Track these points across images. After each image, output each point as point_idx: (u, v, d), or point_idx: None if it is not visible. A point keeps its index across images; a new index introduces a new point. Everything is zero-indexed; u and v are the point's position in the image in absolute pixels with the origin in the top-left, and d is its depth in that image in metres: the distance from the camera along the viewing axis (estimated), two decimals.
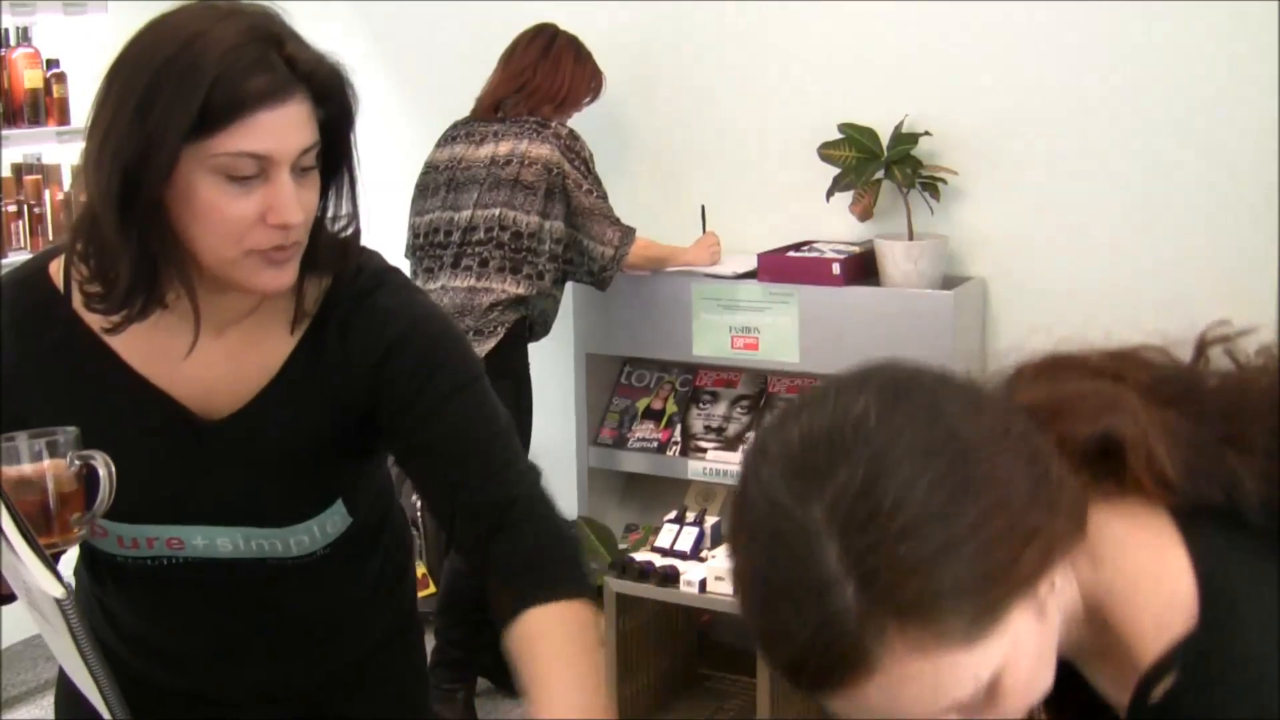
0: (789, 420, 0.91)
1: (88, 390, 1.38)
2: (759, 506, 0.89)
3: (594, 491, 3.82)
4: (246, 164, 1.27)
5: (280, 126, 1.27)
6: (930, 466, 0.85)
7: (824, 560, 0.84)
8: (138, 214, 1.27)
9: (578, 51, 3.58)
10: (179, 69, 1.25)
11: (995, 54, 3.48)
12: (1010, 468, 0.87)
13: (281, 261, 1.32)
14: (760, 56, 3.76)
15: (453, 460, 1.40)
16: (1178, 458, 0.94)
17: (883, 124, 3.45)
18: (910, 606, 0.83)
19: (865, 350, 3.46)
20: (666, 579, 3.24)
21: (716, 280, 3.57)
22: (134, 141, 1.26)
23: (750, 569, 0.90)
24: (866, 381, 0.91)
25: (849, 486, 0.85)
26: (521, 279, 3.43)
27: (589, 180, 3.47)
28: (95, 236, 1.31)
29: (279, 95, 1.27)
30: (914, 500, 0.84)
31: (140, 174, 1.26)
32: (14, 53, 3.70)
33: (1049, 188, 3.47)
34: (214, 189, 1.27)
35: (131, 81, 1.28)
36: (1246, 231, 3.27)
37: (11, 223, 3.69)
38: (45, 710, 3.69)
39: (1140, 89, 3.34)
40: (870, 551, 0.83)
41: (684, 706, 3.61)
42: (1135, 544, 0.95)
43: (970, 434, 0.88)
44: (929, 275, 3.39)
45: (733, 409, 3.73)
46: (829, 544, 0.84)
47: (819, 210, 3.61)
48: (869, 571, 0.83)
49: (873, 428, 0.87)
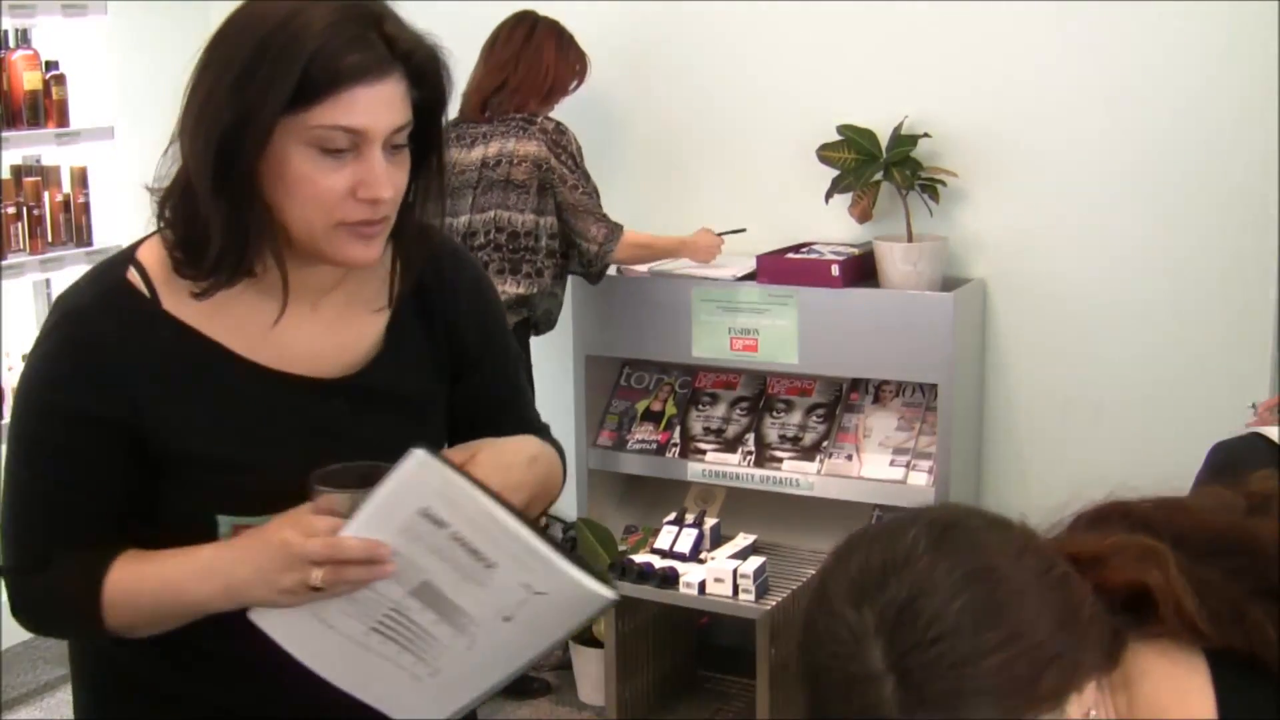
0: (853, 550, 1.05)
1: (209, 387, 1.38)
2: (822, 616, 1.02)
3: (593, 493, 3.82)
4: (340, 138, 1.29)
5: (375, 103, 1.30)
6: (966, 590, 0.98)
7: (870, 657, 0.97)
8: (231, 183, 1.30)
9: (559, 37, 3.53)
10: (279, 42, 1.28)
11: (995, 56, 3.48)
12: (1040, 600, 1.00)
13: (370, 236, 1.35)
14: (759, 58, 3.76)
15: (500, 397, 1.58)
16: (1205, 608, 1.06)
17: (882, 126, 3.45)
18: (938, 702, 0.96)
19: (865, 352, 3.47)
20: (666, 581, 3.24)
21: (716, 282, 3.57)
22: (231, 112, 1.28)
23: (811, 663, 1.02)
24: (918, 518, 1.05)
25: (895, 600, 0.98)
26: (522, 279, 3.44)
27: (576, 175, 3.46)
28: (187, 203, 1.34)
29: (376, 72, 1.30)
30: (948, 615, 0.97)
31: (236, 144, 1.29)
32: (13, 55, 3.69)
33: (1049, 189, 3.47)
34: (307, 161, 1.30)
35: (231, 54, 1.31)
36: (1247, 232, 3.27)
37: (11, 224, 3.68)
38: (45, 711, 3.69)
39: (1140, 90, 3.34)
40: (909, 653, 0.97)
41: (683, 708, 3.61)
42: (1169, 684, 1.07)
43: (1007, 569, 1.01)
44: (928, 277, 3.39)
45: (732, 410, 3.73)
46: (875, 644, 0.97)
47: (818, 212, 3.62)
48: (907, 669, 0.96)
49: (919, 555, 1.01)
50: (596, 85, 3.89)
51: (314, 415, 1.41)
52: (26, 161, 3.84)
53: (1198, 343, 3.35)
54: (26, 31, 3.75)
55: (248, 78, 1.29)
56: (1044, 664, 0.98)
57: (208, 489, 1.37)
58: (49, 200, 3.79)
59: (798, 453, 3.57)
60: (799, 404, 3.65)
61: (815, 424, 3.60)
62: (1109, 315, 3.44)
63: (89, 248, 3.86)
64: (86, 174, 3.89)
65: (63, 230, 3.82)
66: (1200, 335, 3.35)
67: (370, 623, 1.32)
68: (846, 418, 3.59)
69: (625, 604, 3.33)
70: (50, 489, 1.38)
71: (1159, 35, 3.30)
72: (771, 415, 3.67)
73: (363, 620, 1.31)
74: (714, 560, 3.26)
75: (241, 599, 1.31)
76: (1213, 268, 3.32)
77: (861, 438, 3.54)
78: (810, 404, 3.64)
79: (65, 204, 3.82)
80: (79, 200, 3.86)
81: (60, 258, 3.78)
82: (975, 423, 3.55)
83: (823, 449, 3.56)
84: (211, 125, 1.30)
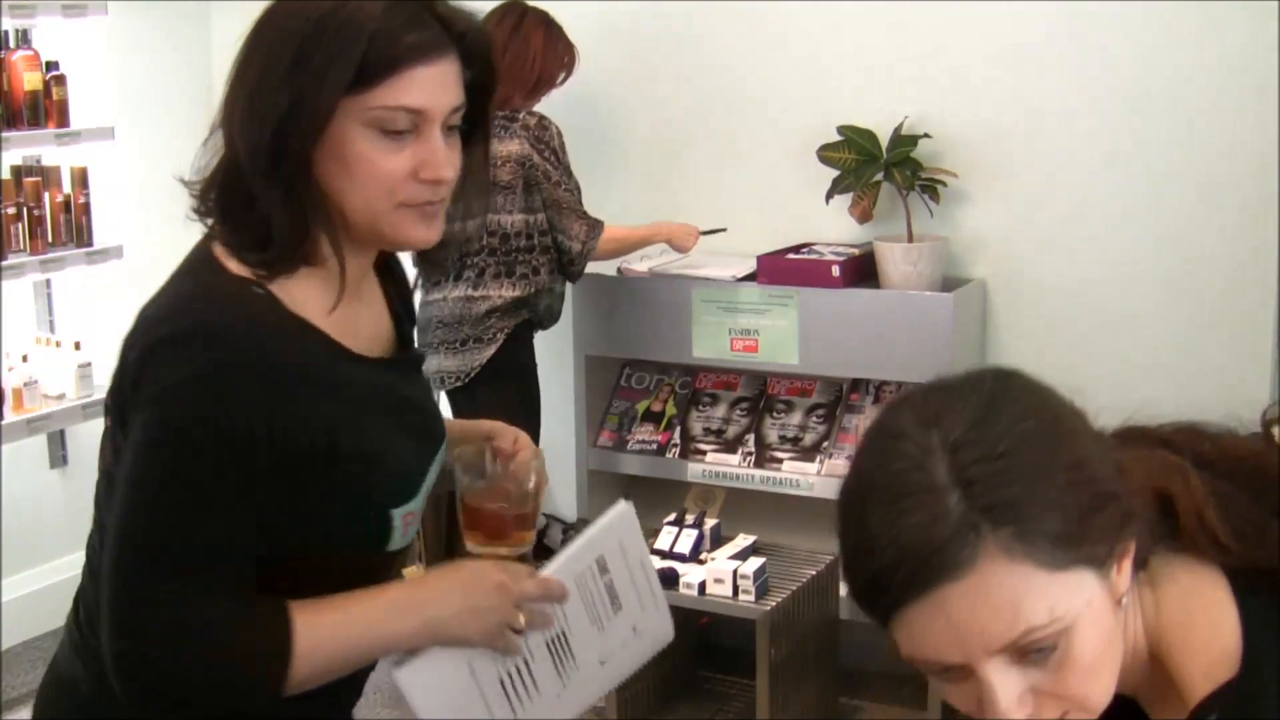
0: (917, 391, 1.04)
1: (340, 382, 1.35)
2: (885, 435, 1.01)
3: (593, 494, 3.82)
4: (401, 118, 1.30)
5: (435, 82, 1.31)
6: (1031, 418, 0.99)
7: (935, 472, 0.96)
8: (288, 168, 1.29)
9: (548, 28, 3.47)
10: (336, 24, 1.27)
11: (995, 56, 3.48)
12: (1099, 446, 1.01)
13: (432, 216, 1.36)
14: (760, 58, 3.76)
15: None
16: (1228, 523, 1.05)
17: (882, 126, 3.45)
18: (1003, 510, 0.94)
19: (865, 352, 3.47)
20: (666, 581, 3.23)
21: (716, 282, 3.57)
22: (288, 96, 1.27)
23: (864, 483, 1.00)
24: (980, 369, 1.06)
25: (964, 419, 0.98)
26: (517, 281, 3.43)
27: (559, 171, 3.43)
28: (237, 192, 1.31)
29: (435, 52, 1.31)
30: (1017, 434, 0.97)
31: (293, 128, 1.28)
32: (14, 55, 3.69)
33: (1049, 189, 3.47)
34: (368, 142, 1.30)
35: (284, 38, 1.29)
36: (1247, 232, 3.27)
37: (11, 225, 3.68)
38: None
39: (1140, 90, 3.34)
40: (975, 464, 0.95)
41: (683, 708, 3.60)
42: (1195, 596, 1.06)
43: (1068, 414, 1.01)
44: (928, 277, 3.39)
45: (732, 411, 3.73)
46: (941, 461, 0.96)
47: (818, 212, 3.62)
48: (971, 480, 0.95)
49: (987, 388, 1.01)
50: (596, 85, 3.90)
51: (406, 394, 1.45)
52: (26, 162, 3.84)
53: (1198, 342, 3.35)
54: (26, 32, 3.75)
55: (304, 61, 1.27)
56: (1103, 500, 0.97)
57: (375, 486, 1.36)
58: (49, 201, 3.79)
59: (798, 453, 3.57)
60: (799, 404, 3.65)
61: (815, 424, 3.60)
62: (1109, 315, 3.44)
63: (89, 248, 3.86)
64: (86, 174, 3.88)
65: (63, 231, 3.82)
66: (1200, 335, 3.35)
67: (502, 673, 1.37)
68: (847, 418, 3.58)
69: None
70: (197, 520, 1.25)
71: (1159, 35, 3.30)
72: (772, 416, 3.66)
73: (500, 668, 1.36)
74: (714, 561, 3.25)
75: (441, 635, 1.34)
76: (1213, 268, 3.32)
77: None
78: (810, 404, 3.64)
79: (65, 204, 3.82)
80: (79, 200, 3.85)
81: (60, 258, 3.78)
82: None
83: (823, 449, 3.56)
84: (267, 110, 1.28)
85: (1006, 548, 0.93)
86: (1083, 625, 0.96)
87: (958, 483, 0.95)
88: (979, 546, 0.93)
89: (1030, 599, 0.94)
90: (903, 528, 0.95)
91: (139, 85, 4.32)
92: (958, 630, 0.95)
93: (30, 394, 3.74)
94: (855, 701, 3.62)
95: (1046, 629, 0.94)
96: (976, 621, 0.94)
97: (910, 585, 0.95)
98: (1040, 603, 0.94)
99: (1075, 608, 0.95)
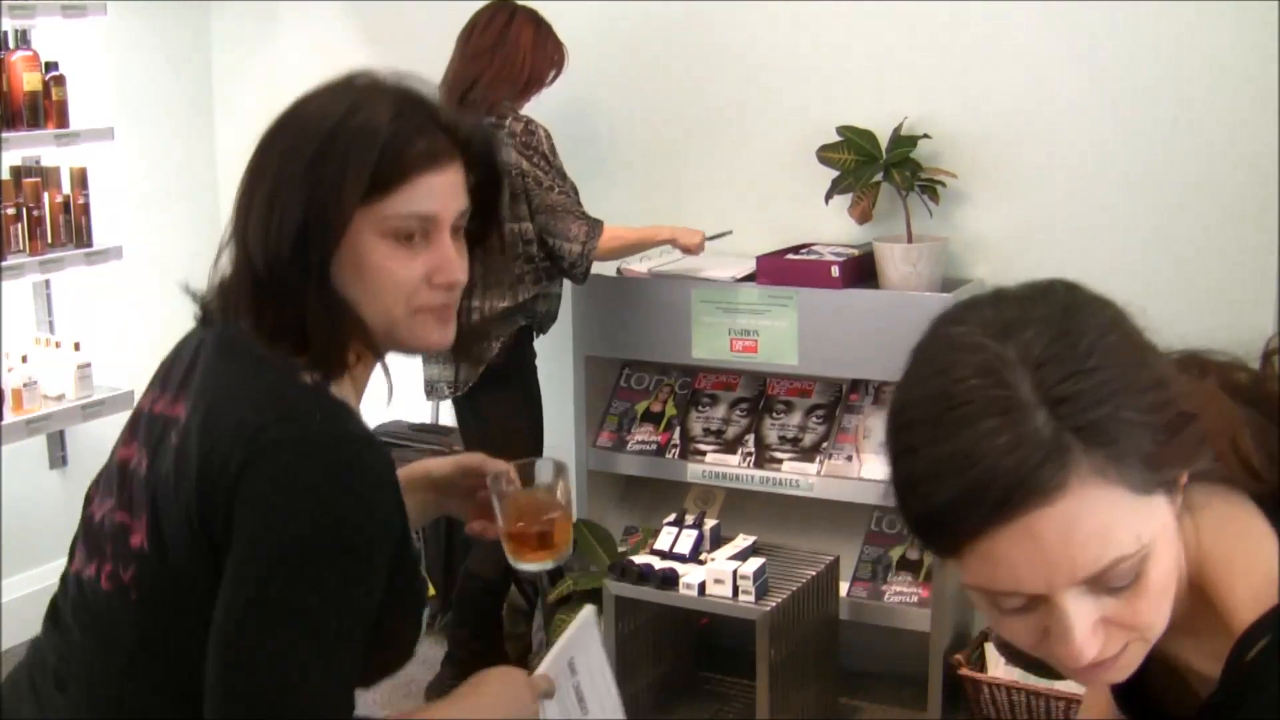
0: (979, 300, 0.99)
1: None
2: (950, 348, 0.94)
3: (593, 494, 3.82)
4: (414, 225, 1.34)
5: (445, 189, 1.36)
6: (1113, 332, 0.94)
7: (1019, 388, 0.89)
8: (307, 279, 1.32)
9: (537, 26, 3.44)
10: (348, 134, 1.32)
11: (995, 56, 3.48)
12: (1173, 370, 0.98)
13: (448, 319, 1.41)
14: (759, 59, 3.76)
15: None
16: (1262, 449, 1.02)
17: (882, 126, 3.45)
18: (1097, 430, 0.89)
19: (864, 353, 3.46)
20: (666, 582, 3.24)
21: (715, 283, 3.57)
22: (304, 208, 1.31)
23: (932, 401, 0.93)
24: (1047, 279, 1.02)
25: (1045, 330, 0.92)
26: (505, 291, 3.38)
27: (550, 175, 3.37)
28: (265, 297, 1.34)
29: (444, 158, 1.36)
30: (1104, 347, 0.92)
31: (313, 239, 1.31)
32: (13, 56, 3.69)
33: (1049, 189, 3.47)
34: (383, 250, 1.34)
35: (296, 149, 1.33)
36: (1247, 232, 3.27)
37: (10, 225, 3.68)
38: None
39: (1140, 90, 3.34)
40: (1063, 381, 0.89)
41: (683, 709, 3.60)
42: (1232, 523, 1.02)
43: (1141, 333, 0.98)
44: (928, 278, 3.39)
45: (732, 412, 3.73)
46: (1023, 376, 0.90)
47: (818, 213, 3.62)
48: (1061, 398, 0.89)
49: (1060, 299, 0.96)
50: (596, 86, 3.90)
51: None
52: (26, 162, 3.84)
53: (1197, 343, 3.34)
54: (26, 32, 3.75)
55: (319, 172, 1.31)
56: (1183, 420, 0.93)
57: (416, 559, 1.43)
58: (49, 201, 3.79)
59: (797, 454, 3.57)
60: (799, 405, 3.65)
61: (815, 425, 3.60)
62: None
63: (88, 248, 3.86)
64: (86, 175, 3.88)
65: (62, 231, 3.82)
66: (1200, 336, 3.34)
67: None
68: (846, 419, 3.58)
69: (625, 605, 3.33)
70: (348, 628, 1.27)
71: (1159, 35, 3.30)
72: (771, 416, 3.66)
73: None
74: (714, 561, 3.25)
75: None
76: (1213, 268, 3.32)
77: (861, 439, 3.54)
78: (810, 405, 3.64)
79: (65, 205, 3.82)
80: (78, 201, 3.85)
81: (60, 259, 3.78)
82: None
83: (822, 450, 3.56)
84: (284, 223, 1.31)
85: (1100, 470, 0.89)
86: (1158, 552, 0.93)
87: (1044, 400, 0.89)
88: (1072, 469, 0.88)
89: (1120, 525, 0.90)
90: (988, 449, 0.88)
91: (138, 85, 4.32)
92: (1045, 558, 0.89)
93: (30, 395, 3.74)
94: (855, 702, 3.62)
95: (1133, 557, 0.91)
96: (1067, 549, 0.89)
97: (998, 510, 0.89)
98: (1129, 529, 0.90)
99: (1154, 533, 0.92)
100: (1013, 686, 3.27)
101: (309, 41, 4.32)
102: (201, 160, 4.53)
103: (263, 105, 1.43)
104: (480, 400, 3.46)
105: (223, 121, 4.56)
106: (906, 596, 3.48)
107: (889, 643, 3.62)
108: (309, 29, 4.33)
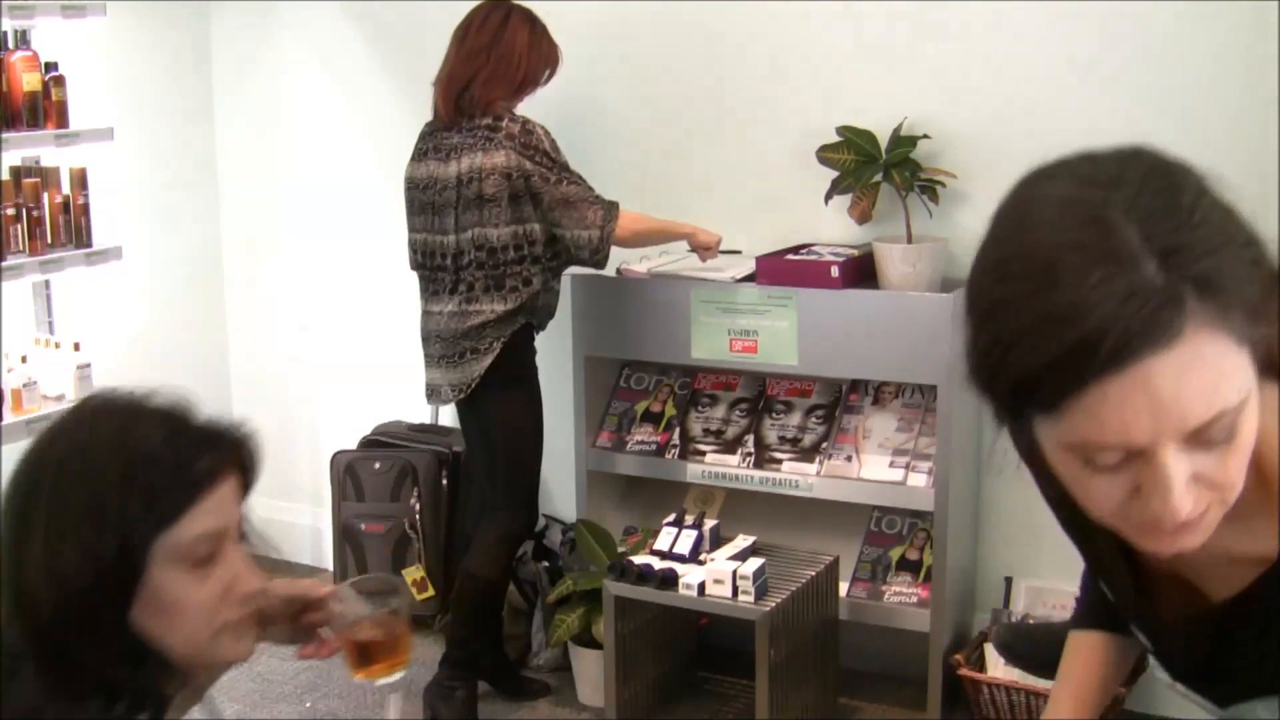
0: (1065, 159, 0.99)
1: None
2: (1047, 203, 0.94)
3: (593, 494, 3.82)
4: (205, 545, 1.28)
5: (227, 500, 1.30)
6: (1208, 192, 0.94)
7: (1128, 238, 0.89)
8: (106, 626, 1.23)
9: (532, 26, 3.43)
10: (121, 469, 1.23)
11: (994, 56, 3.48)
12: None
13: (248, 628, 1.36)
14: (759, 59, 3.76)
15: None
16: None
17: (881, 127, 3.45)
18: (1207, 279, 0.88)
19: (864, 353, 3.46)
20: (665, 582, 3.24)
21: (715, 283, 3.57)
22: (90, 555, 1.21)
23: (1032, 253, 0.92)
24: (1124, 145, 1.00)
25: (1147, 185, 0.92)
26: (508, 294, 3.38)
27: (555, 170, 3.35)
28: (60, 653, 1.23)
29: (222, 472, 1.30)
30: (1206, 201, 0.92)
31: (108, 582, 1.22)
32: (13, 56, 3.69)
33: None
34: (179, 581, 1.27)
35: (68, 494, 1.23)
36: None
37: (10, 226, 3.68)
38: None
39: (1139, 90, 3.34)
40: (1171, 233, 0.89)
41: (683, 709, 3.61)
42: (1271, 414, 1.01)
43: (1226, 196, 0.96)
44: (928, 278, 3.39)
45: (731, 412, 3.73)
46: (1129, 229, 0.89)
47: (818, 213, 3.62)
48: (1169, 248, 0.88)
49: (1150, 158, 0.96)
50: (595, 86, 3.90)
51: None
52: (26, 163, 3.84)
53: None
54: (26, 33, 3.76)
55: (99, 515, 1.21)
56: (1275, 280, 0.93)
57: None
58: (48, 201, 3.79)
59: (797, 454, 3.57)
60: (798, 405, 3.65)
61: (815, 425, 3.60)
62: None
63: (88, 249, 3.86)
64: (86, 175, 3.89)
65: (62, 231, 3.82)
66: None
67: None
68: (846, 419, 3.59)
69: (625, 605, 3.33)
70: None
71: (1159, 35, 3.30)
72: (771, 416, 3.67)
73: None
74: (713, 561, 3.26)
75: None
76: None
77: (861, 439, 3.54)
78: (809, 405, 3.64)
79: (65, 205, 3.82)
80: (78, 201, 3.86)
81: (60, 259, 3.78)
82: (975, 424, 3.54)
83: (822, 450, 3.56)
84: (68, 574, 1.20)
85: (1211, 320, 0.88)
86: (1249, 408, 0.92)
87: (1154, 251, 0.88)
88: (1185, 318, 0.87)
89: (1227, 377, 0.89)
90: (1100, 297, 0.87)
91: (138, 85, 4.32)
92: (1157, 407, 0.88)
93: (29, 395, 3.74)
94: (855, 702, 3.62)
95: (1233, 411, 0.90)
96: (1179, 398, 0.88)
97: (1114, 358, 0.87)
98: (1233, 382, 0.90)
99: (1249, 388, 0.91)
100: (1012, 686, 3.28)
101: (309, 41, 4.32)
102: (201, 160, 4.53)
103: (263, 105, 1.43)
104: (482, 402, 3.46)
105: (223, 121, 4.56)
106: (906, 597, 3.48)
107: (888, 643, 3.62)
108: (309, 29, 4.33)
